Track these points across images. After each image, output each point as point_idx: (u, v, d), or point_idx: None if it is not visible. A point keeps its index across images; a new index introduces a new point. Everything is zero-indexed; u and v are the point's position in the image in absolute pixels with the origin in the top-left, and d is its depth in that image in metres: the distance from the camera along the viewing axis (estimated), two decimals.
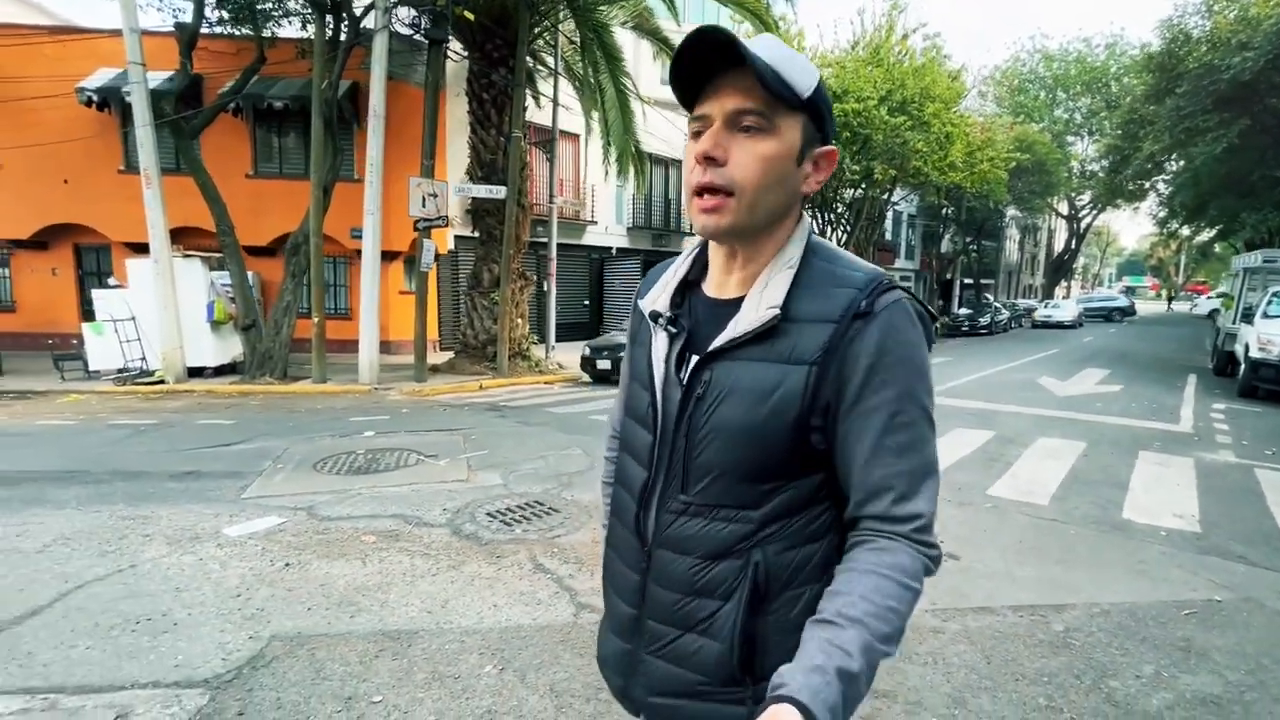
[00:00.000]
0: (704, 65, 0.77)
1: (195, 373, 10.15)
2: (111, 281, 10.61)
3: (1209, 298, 39.64)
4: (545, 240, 13.17)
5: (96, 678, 2.36)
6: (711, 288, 0.88)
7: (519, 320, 11.62)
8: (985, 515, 4.40)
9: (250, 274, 10.93)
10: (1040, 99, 36.87)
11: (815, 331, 0.77)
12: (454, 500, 4.47)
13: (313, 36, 11.14)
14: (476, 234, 11.78)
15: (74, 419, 7.40)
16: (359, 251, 13.63)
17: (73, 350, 10.23)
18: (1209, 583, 3.39)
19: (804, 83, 0.76)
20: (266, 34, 10.38)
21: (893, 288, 0.79)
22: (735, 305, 0.83)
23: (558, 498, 4.56)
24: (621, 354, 9.91)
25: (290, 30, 11.34)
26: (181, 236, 12.61)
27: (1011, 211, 33.93)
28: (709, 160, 0.77)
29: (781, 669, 0.66)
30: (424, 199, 9.71)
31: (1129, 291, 41.49)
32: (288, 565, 3.35)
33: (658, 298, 0.91)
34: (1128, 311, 34.85)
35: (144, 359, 9.94)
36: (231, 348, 10.83)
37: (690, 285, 0.91)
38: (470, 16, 9.49)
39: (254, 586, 3.10)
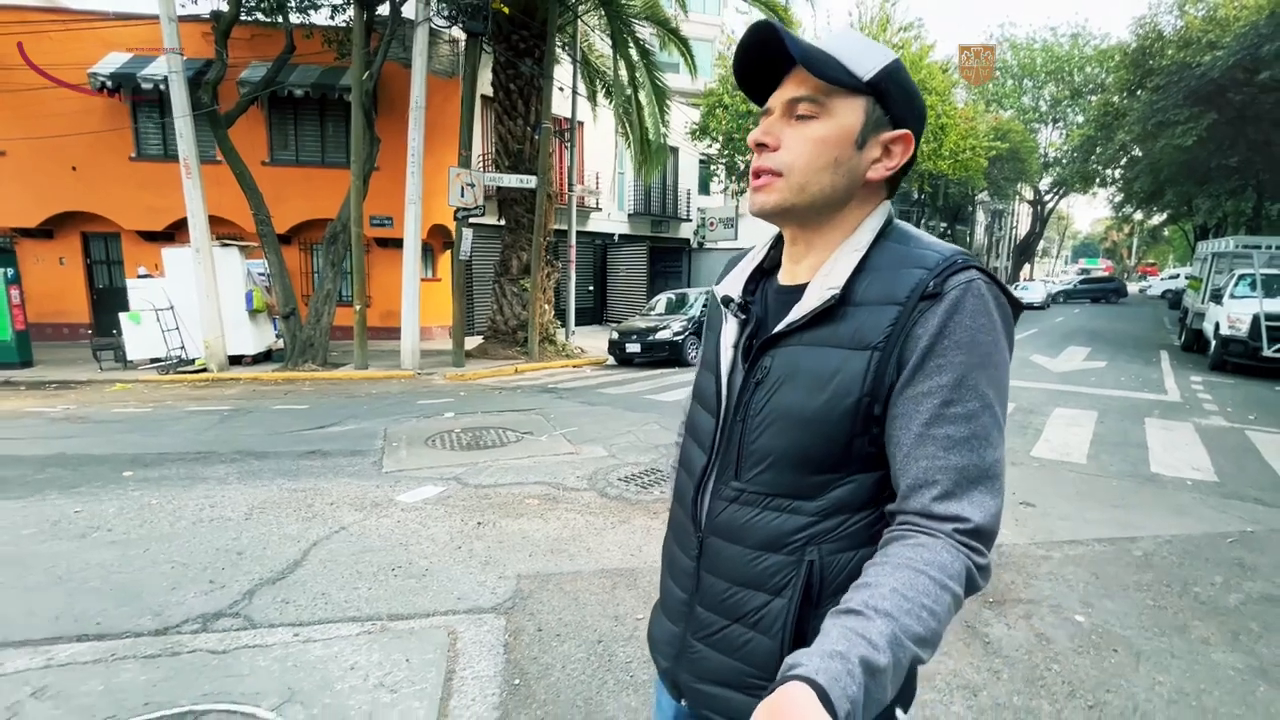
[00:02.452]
0: (773, 64, 0.80)
1: (234, 361, 10.30)
2: (141, 271, 10.61)
3: (1161, 279, 41.88)
4: (561, 228, 13.53)
5: (400, 608, 2.83)
6: (784, 276, 0.88)
7: (546, 306, 12.01)
8: (1038, 472, 5.10)
9: (259, 262, 11.03)
10: (1008, 86, 38.23)
11: (879, 314, 0.74)
12: (579, 469, 4.98)
13: (338, 24, 11.26)
14: (503, 222, 12.09)
15: (146, 407, 7.60)
16: (378, 240, 13.89)
17: (110, 340, 10.26)
18: (1239, 519, 4.13)
19: (864, 66, 0.77)
20: (302, 23, 10.43)
21: (968, 267, 0.74)
22: (802, 291, 0.81)
23: (670, 464, 5.10)
24: (650, 338, 10.51)
25: (312, 19, 11.34)
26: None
27: (982, 197, 35.33)
28: (760, 146, 0.81)
29: (796, 652, 0.61)
30: (462, 189, 9.99)
31: (1084, 274, 43.51)
32: (479, 524, 3.83)
33: (733, 284, 0.91)
34: (1121, 292, 34.47)
35: (183, 348, 10.05)
36: (266, 336, 10.98)
37: (765, 274, 0.91)
38: (506, 10, 9.75)
39: (466, 540, 3.58)
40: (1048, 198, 41.33)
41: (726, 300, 0.89)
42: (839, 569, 0.76)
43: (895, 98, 0.78)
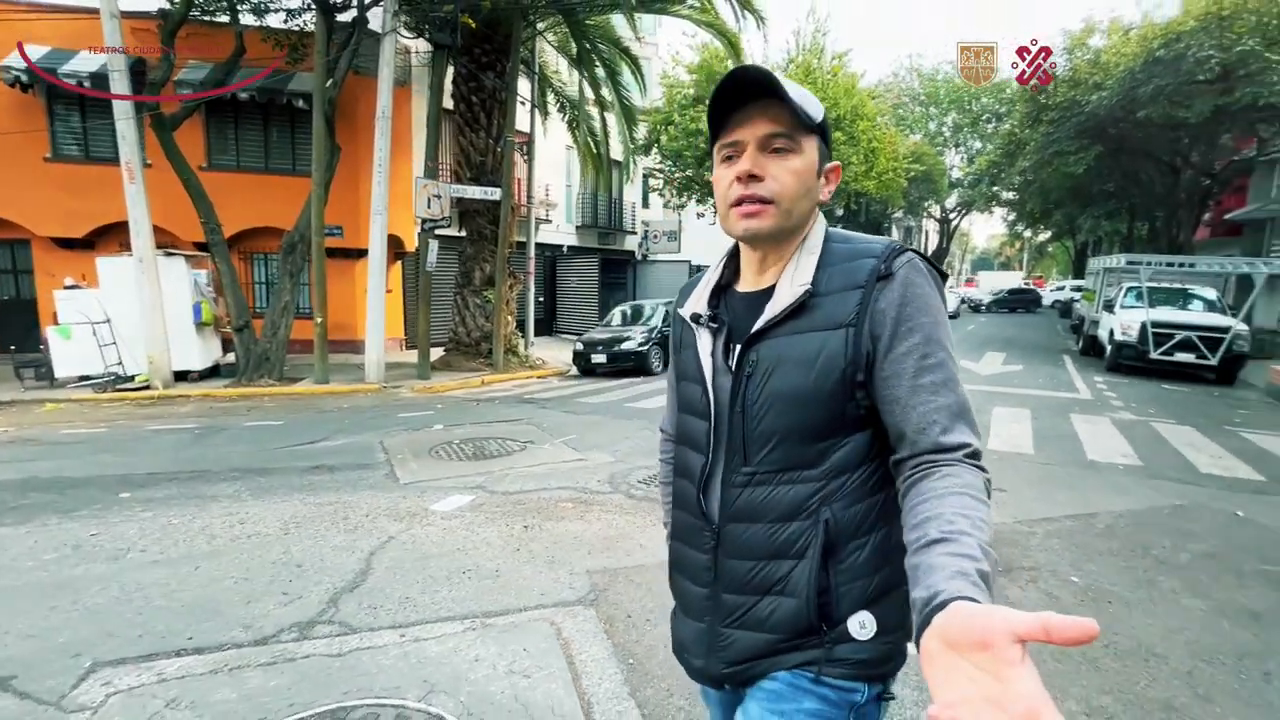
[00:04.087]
0: (733, 98, 0.90)
1: (179, 377, 9.70)
2: (69, 281, 9.80)
3: (1050, 290, 46.30)
4: (519, 240, 13.59)
5: (490, 606, 2.97)
6: (745, 285, 1.00)
7: (509, 318, 12.03)
8: (999, 463, 5.76)
9: (203, 272, 10.52)
10: (916, 113, 41.42)
11: (846, 299, 0.88)
12: (594, 474, 5.18)
13: (290, 28, 10.93)
14: (464, 234, 12.03)
15: (98, 427, 7.10)
16: (326, 250, 13.41)
17: (35, 356, 9.41)
18: (1168, 495, 4.89)
19: (815, 110, 0.91)
20: (259, 25, 10.08)
21: (905, 250, 0.90)
22: (768, 294, 0.94)
23: (660, 481, 5.40)
24: (615, 349, 10.91)
25: (266, 22, 10.95)
26: (119, 231, 11.78)
27: (897, 214, 38.01)
28: (751, 178, 0.90)
29: (919, 587, 0.66)
30: (429, 200, 9.92)
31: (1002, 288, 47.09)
32: (526, 527, 3.98)
33: (696, 303, 1.02)
34: (1038, 302, 36.48)
35: (120, 364, 9.37)
36: (213, 350, 10.41)
37: (723, 289, 1.03)
38: (473, 24, 9.83)
39: (520, 543, 3.73)
40: (953, 216, 44.91)
41: (696, 317, 1.01)
42: (849, 520, 0.88)
43: (828, 136, 0.97)
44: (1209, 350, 10.98)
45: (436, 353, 12.42)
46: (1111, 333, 12.55)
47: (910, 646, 0.83)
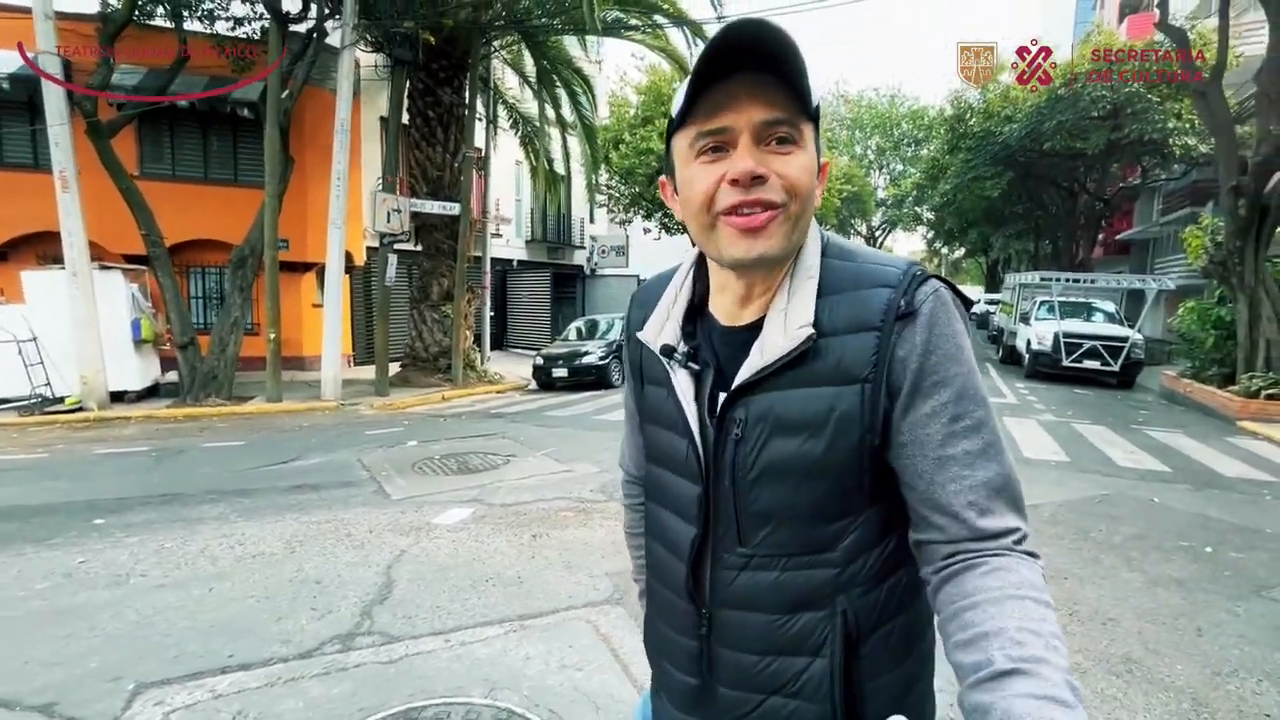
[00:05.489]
0: (716, 65, 0.66)
1: (115, 398, 9.12)
2: None
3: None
4: (475, 254, 13.56)
5: (522, 610, 3.10)
6: (724, 315, 0.78)
7: (467, 332, 11.98)
8: None
9: (136, 285, 10.00)
10: (843, 136, 43.83)
11: (858, 343, 0.69)
12: (585, 484, 5.34)
13: (238, 35, 10.61)
14: (420, 248, 11.92)
15: (35, 453, 6.65)
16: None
17: None
18: (1095, 486, 5.54)
19: (812, 90, 0.69)
20: (210, 33, 9.76)
21: (927, 278, 0.71)
22: (755, 329, 0.73)
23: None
24: (576, 363, 10.94)
25: (205, 27, 10.56)
26: (35, 242, 11.01)
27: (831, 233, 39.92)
28: (756, 180, 0.67)
29: None
30: (389, 214, 9.82)
31: None
32: (534, 536, 4.11)
33: (662, 328, 0.81)
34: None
35: (48, 384, 8.73)
36: (153, 369, 9.85)
37: (697, 310, 0.81)
38: (433, 40, 9.87)
39: (533, 551, 3.86)
40: (878, 234, 47.61)
41: (668, 350, 0.79)
42: (870, 606, 0.73)
43: (819, 123, 0.73)
44: (1112, 357, 12.24)
45: (392, 368, 12.19)
46: (1029, 343, 13.76)
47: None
